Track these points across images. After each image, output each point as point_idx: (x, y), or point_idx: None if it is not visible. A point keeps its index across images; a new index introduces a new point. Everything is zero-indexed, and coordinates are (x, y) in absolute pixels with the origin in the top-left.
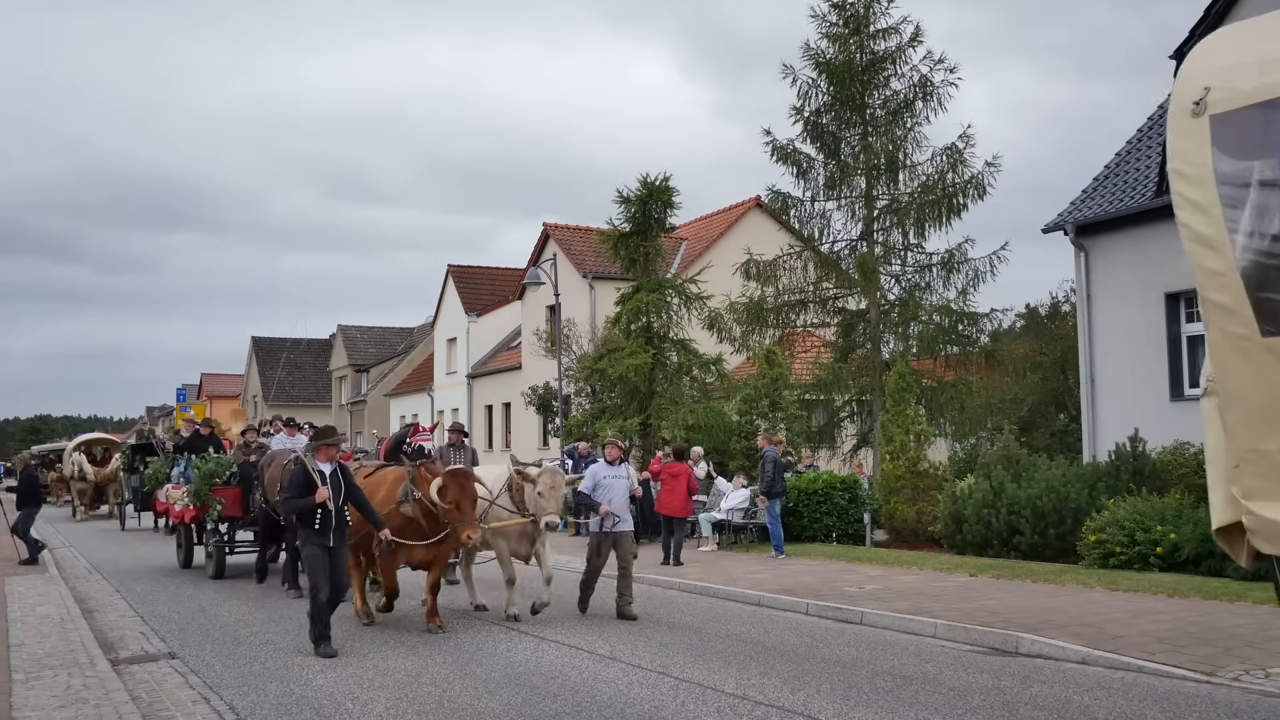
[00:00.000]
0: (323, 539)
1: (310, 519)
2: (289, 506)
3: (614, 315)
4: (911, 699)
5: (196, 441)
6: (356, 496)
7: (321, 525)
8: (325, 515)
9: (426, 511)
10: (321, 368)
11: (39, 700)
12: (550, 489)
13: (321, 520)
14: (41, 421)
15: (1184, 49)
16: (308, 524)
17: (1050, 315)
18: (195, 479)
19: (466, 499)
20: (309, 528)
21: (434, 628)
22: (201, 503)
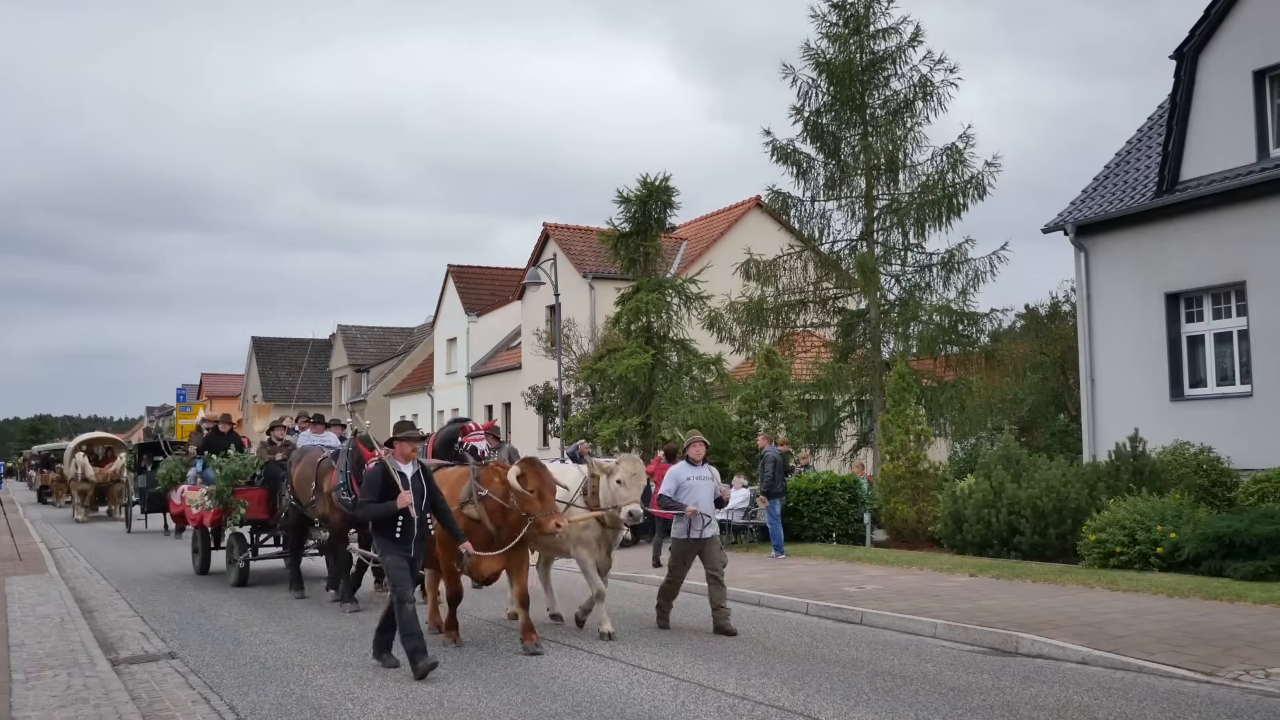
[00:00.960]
0: (403, 549)
1: (390, 527)
2: (367, 513)
3: (614, 315)
4: (911, 699)
5: (216, 439)
6: (439, 503)
7: (403, 534)
8: (407, 523)
9: (496, 512)
10: (322, 368)
11: (39, 700)
12: (632, 476)
13: (403, 529)
14: (41, 421)
15: (1184, 49)
16: (387, 533)
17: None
18: (217, 479)
19: (547, 487)
20: (388, 537)
21: (532, 645)
22: (224, 505)
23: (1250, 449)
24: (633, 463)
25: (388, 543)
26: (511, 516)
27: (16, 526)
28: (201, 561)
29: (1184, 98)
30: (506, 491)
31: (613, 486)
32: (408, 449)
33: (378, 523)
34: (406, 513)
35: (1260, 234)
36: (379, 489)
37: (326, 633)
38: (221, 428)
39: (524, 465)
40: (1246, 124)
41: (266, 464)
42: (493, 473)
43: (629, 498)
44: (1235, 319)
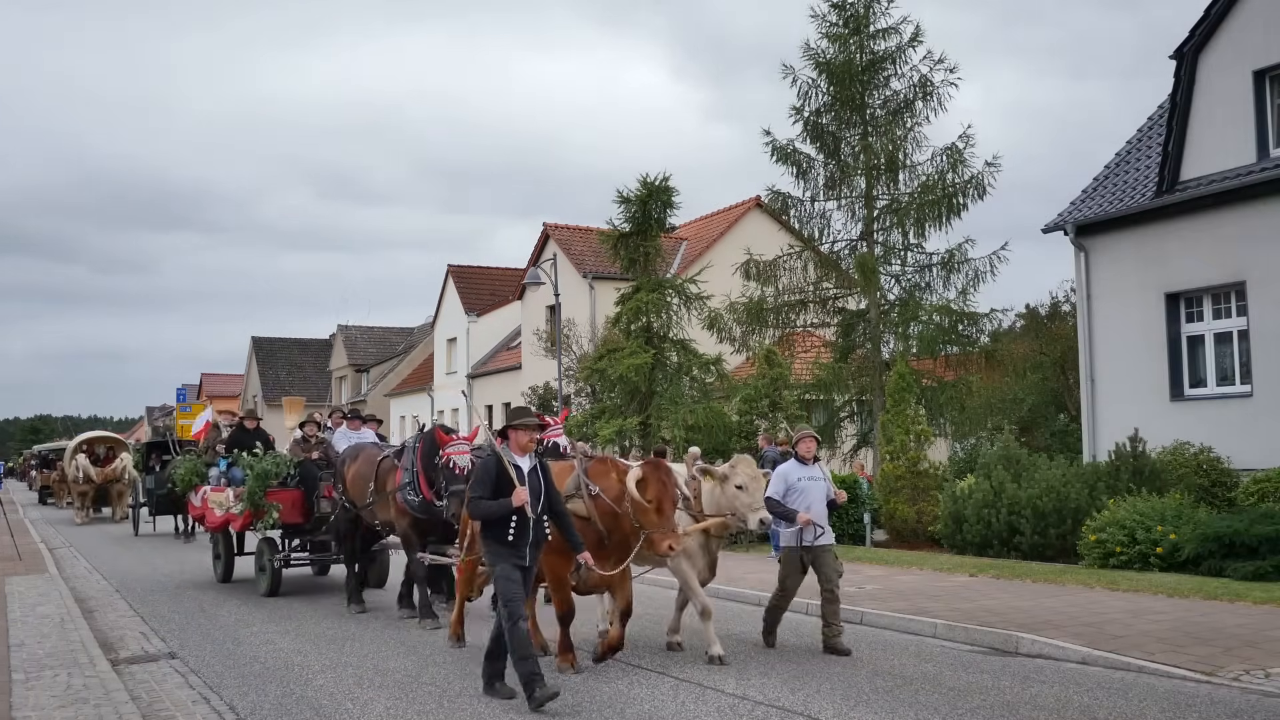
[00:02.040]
0: (516, 555)
1: (501, 529)
2: (479, 511)
3: (614, 315)
4: (911, 699)
5: (241, 436)
6: (556, 504)
7: (516, 537)
8: (521, 525)
9: (607, 514)
10: (321, 368)
11: (39, 700)
12: (753, 480)
13: (516, 531)
14: (42, 421)
15: (1184, 49)
16: (498, 536)
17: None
18: (249, 480)
19: (668, 499)
20: (500, 541)
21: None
22: (255, 508)
23: (1250, 449)
24: (749, 464)
25: (498, 547)
26: (624, 524)
27: (16, 527)
28: (224, 568)
29: (1184, 98)
30: (621, 494)
31: (730, 492)
32: (524, 439)
33: (487, 524)
34: (521, 513)
35: (1260, 234)
36: (492, 484)
37: (326, 633)
38: (247, 424)
39: (647, 470)
40: (1246, 124)
41: (301, 463)
42: (606, 469)
43: (753, 503)
44: (1235, 319)
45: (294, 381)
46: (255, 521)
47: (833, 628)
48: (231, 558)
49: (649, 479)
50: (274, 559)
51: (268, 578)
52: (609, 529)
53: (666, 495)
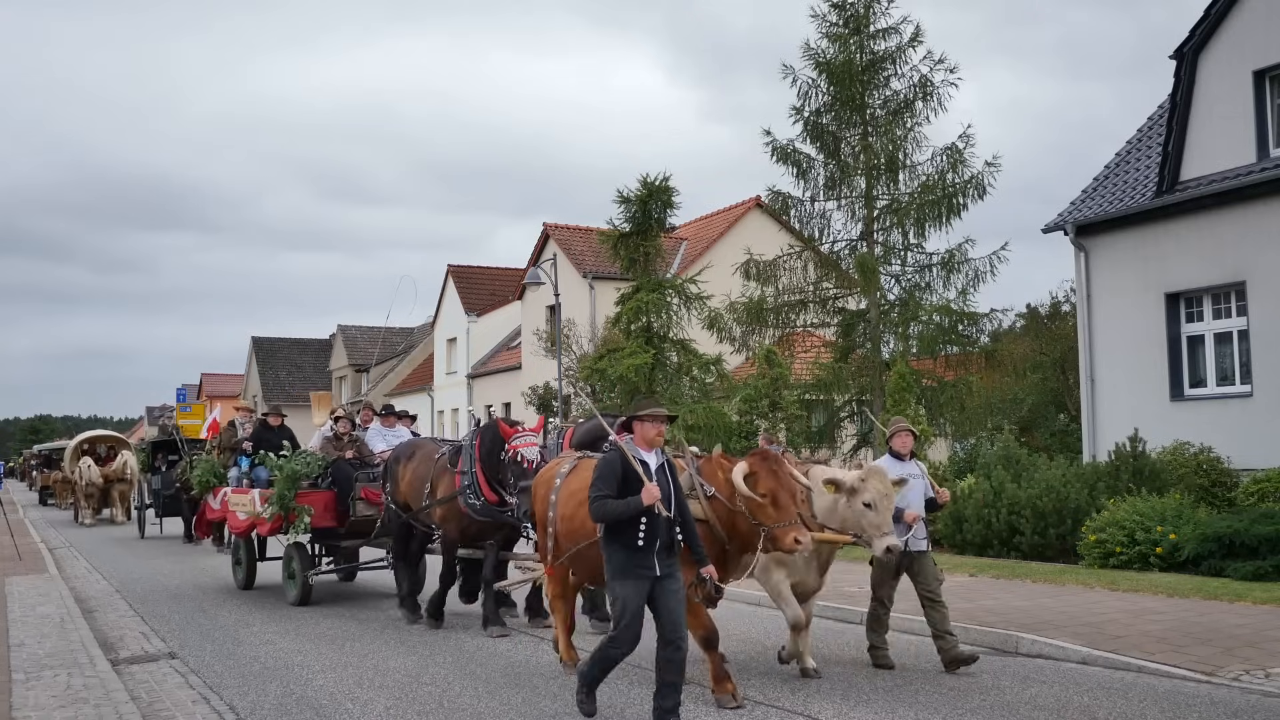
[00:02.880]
0: (644, 565)
1: (629, 534)
2: (606, 512)
3: (614, 315)
4: (911, 699)
5: (265, 434)
6: (684, 510)
7: (646, 542)
8: (653, 527)
9: (725, 517)
10: (321, 368)
11: (39, 700)
12: (883, 497)
13: (647, 534)
14: (41, 421)
15: (1184, 49)
16: (625, 541)
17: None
18: (278, 482)
19: (785, 490)
20: (627, 546)
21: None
22: (286, 510)
23: (1250, 449)
24: (881, 478)
25: (624, 555)
26: (742, 525)
27: (16, 527)
28: (246, 575)
29: (1184, 98)
30: (732, 493)
31: (857, 509)
32: (652, 431)
33: (611, 529)
34: (652, 514)
35: (1260, 234)
36: (617, 482)
37: (326, 633)
38: (271, 421)
39: (754, 462)
40: (1246, 124)
41: (334, 462)
42: (714, 467)
43: (881, 525)
44: (1235, 319)
45: (294, 381)
46: (285, 526)
47: (946, 639)
48: (254, 564)
49: (758, 471)
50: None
51: (297, 586)
52: (729, 533)
53: (781, 486)
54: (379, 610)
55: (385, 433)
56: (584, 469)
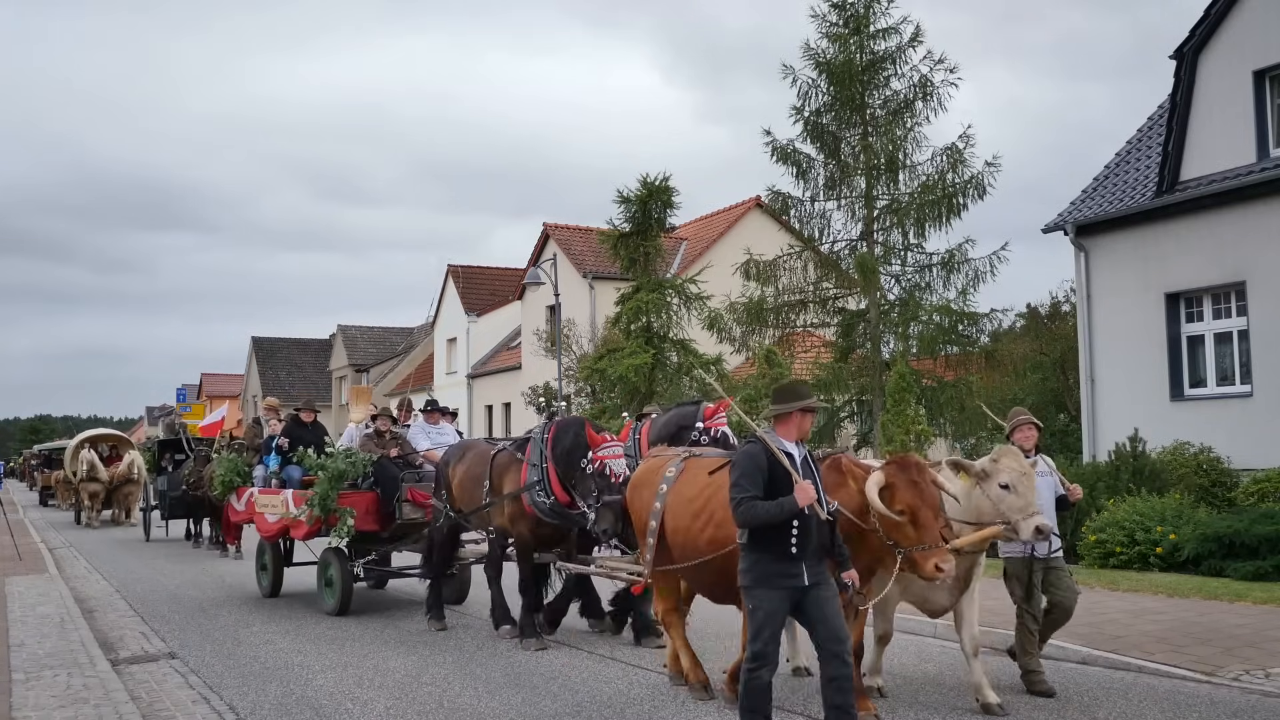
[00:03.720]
0: (791, 573)
1: (781, 539)
2: (755, 516)
3: (614, 315)
4: (911, 699)
5: (296, 431)
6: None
7: (799, 548)
8: (805, 531)
9: (851, 530)
10: (321, 368)
11: (39, 700)
12: (1021, 477)
13: (800, 539)
14: (41, 421)
15: (1184, 49)
16: (775, 548)
17: (1050, 315)
18: (321, 482)
19: (926, 505)
20: (777, 555)
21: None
22: (327, 512)
23: (1250, 449)
24: (1015, 457)
25: (771, 564)
26: (872, 543)
27: (16, 527)
28: (272, 582)
29: (1184, 98)
30: (863, 507)
31: (995, 494)
32: (806, 424)
33: (756, 535)
34: (804, 516)
35: (1260, 234)
36: (764, 479)
37: (326, 633)
38: (304, 416)
39: (892, 472)
40: (1246, 124)
41: (377, 462)
42: (842, 475)
43: (1025, 507)
44: (1235, 319)
45: (294, 381)
46: (326, 529)
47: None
48: (281, 569)
49: (896, 483)
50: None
51: (336, 594)
52: (855, 552)
53: (923, 501)
54: (379, 610)
55: (430, 430)
56: (694, 471)
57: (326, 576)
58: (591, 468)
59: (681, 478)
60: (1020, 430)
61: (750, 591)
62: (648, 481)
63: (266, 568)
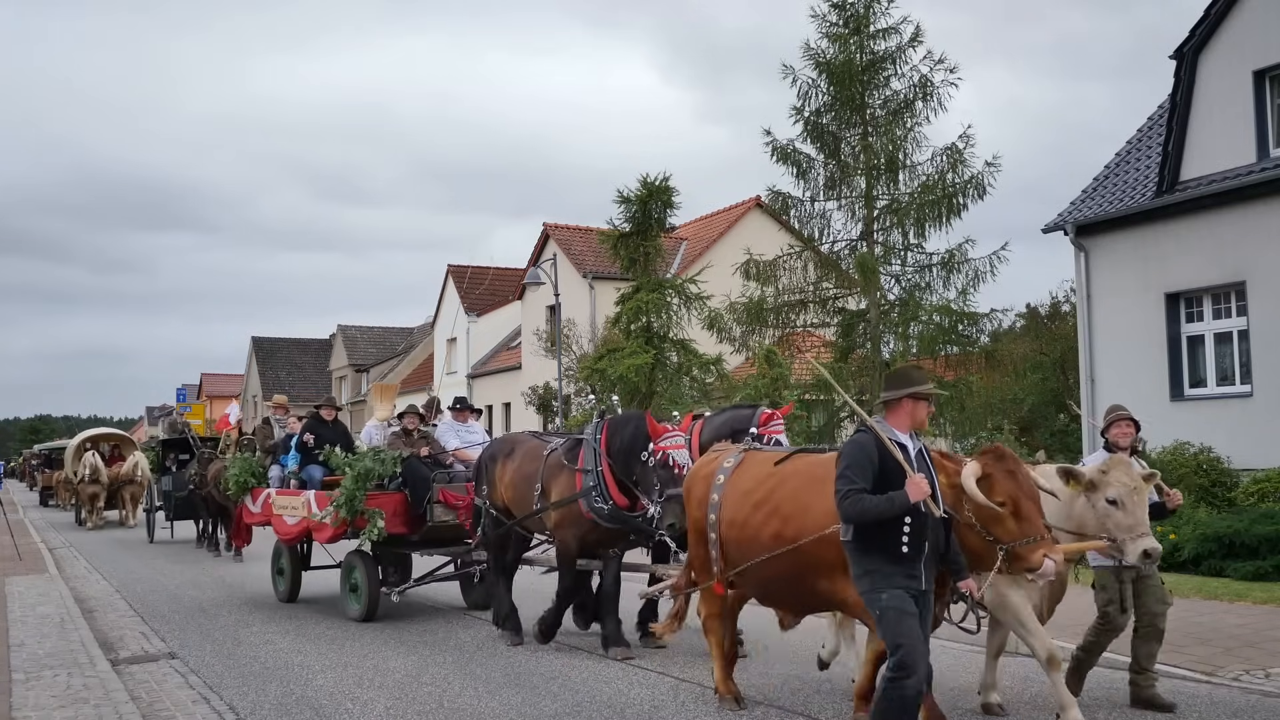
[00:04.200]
0: (909, 574)
1: (893, 538)
2: (864, 510)
3: (614, 315)
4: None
5: (318, 429)
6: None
7: (912, 547)
8: (919, 529)
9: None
10: (321, 368)
11: (39, 700)
12: (1131, 491)
13: (912, 538)
14: (41, 421)
15: (1184, 49)
16: (887, 547)
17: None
18: (347, 482)
19: (1026, 496)
20: (890, 555)
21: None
22: (354, 514)
23: (1250, 449)
24: (1127, 468)
25: (884, 565)
26: (973, 541)
27: (16, 527)
28: (289, 586)
29: (1184, 98)
30: (957, 498)
31: (1101, 508)
32: (920, 412)
33: (866, 533)
34: (918, 512)
35: (1260, 234)
36: (874, 472)
37: (326, 633)
38: (324, 414)
39: (988, 462)
40: (1246, 124)
41: (407, 461)
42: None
43: (1134, 527)
44: (1235, 319)
45: (294, 381)
46: (353, 532)
47: (1146, 674)
48: (299, 573)
49: (994, 474)
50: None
51: (361, 600)
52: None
53: (1023, 491)
54: (378, 611)
55: (459, 428)
56: (753, 465)
57: (351, 581)
58: (653, 460)
59: (740, 471)
60: (1117, 427)
61: (874, 596)
62: (702, 477)
63: (284, 571)
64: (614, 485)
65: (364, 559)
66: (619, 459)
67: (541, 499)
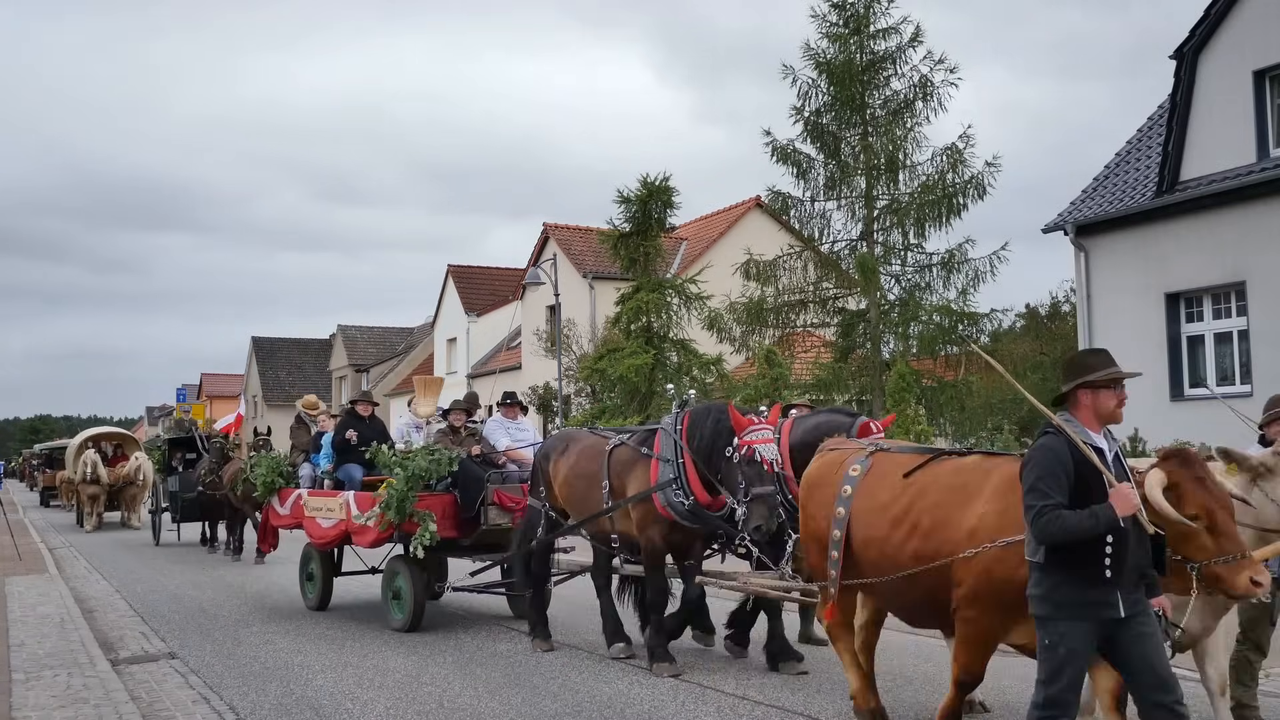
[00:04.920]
0: (1105, 601)
1: (1093, 559)
2: (1060, 527)
3: (614, 315)
4: (912, 699)
5: (357, 425)
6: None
7: (1115, 571)
8: (1121, 549)
9: None
10: (321, 368)
11: (39, 700)
12: None
13: (1115, 559)
14: (41, 421)
15: (1184, 49)
16: (1087, 570)
17: (1050, 315)
18: (399, 481)
19: (1221, 507)
20: (1090, 579)
21: None
22: (403, 518)
23: (1250, 449)
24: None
25: (1077, 590)
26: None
27: (16, 527)
28: (320, 593)
29: (1184, 98)
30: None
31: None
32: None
33: (1062, 551)
34: (1120, 529)
35: (1260, 234)
36: (1069, 481)
37: (326, 633)
38: (360, 410)
39: (1173, 468)
40: (1246, 124)
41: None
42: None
43: None
44: (1235, 319)
45: (294, 381)
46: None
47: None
48: (331, 579)
49: (1182, 483)
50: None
51: (406, 609)
52: None
53: (1218, 501)
54: (378, 611)
55: (509, 425)
56: (885, 469)
57: (394, 588)
58: (738, 456)
59: (870, 478)
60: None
61: (1047, 623)
62: (825, 480)
63: (314, 577)
64: (696, 479)
65: (409, 564)
66: (701, 453)
67: (612, 496)
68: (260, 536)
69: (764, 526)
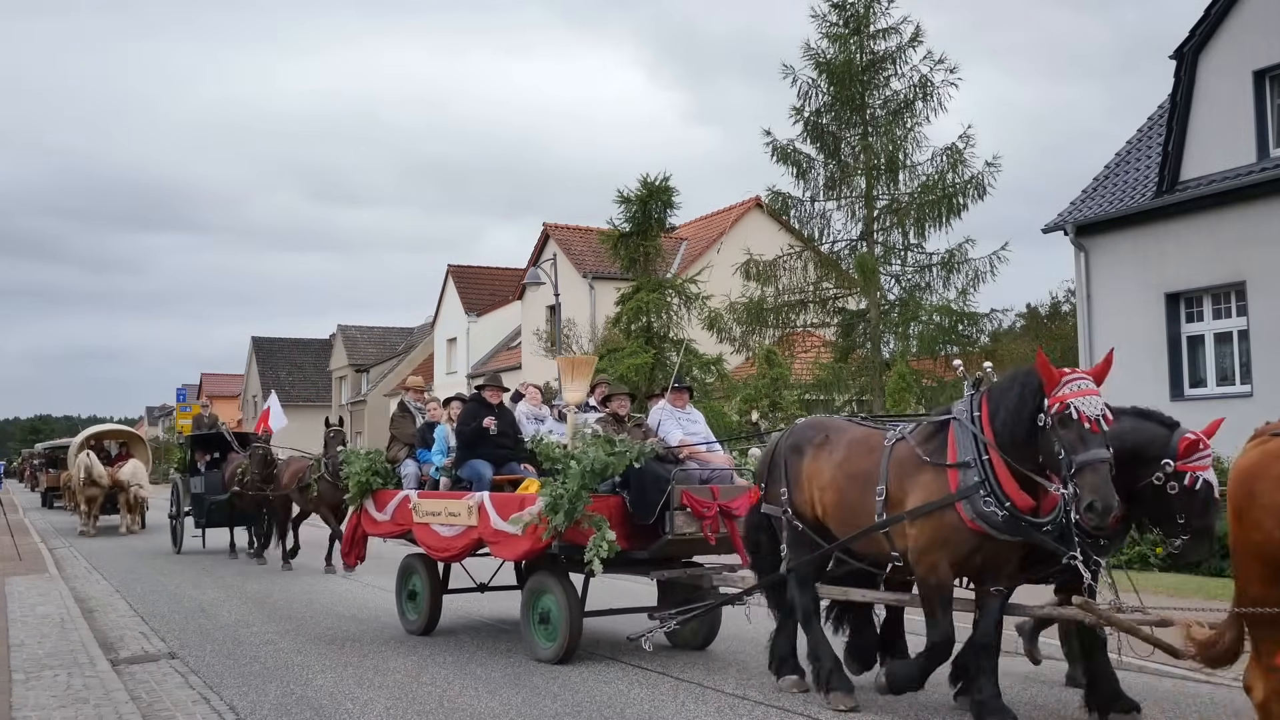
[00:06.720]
0: None
1: None
2: None
3: (614, 315)
4: (911, 699)
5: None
6: None
7: None
8: None
9: None
10: (321, 368)
11: (39, 700)
12: None
13: None
14: (41, 421)
15: (1184, 49)
16: None
17: (1050, 315)
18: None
19: None
20: None
21: None
22: (570, 523)
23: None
24: None
25: None
26: None
27: (16, 527)
28: (427, 615)
29: (1184, 98)
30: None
31: None
32: None
33: None
34: None
35: (1260, 234)
36: None
37: (326, 633)
38: (490, 397)
39: None
40: (1246, 124)
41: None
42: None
43: None
44: (1235, 319)
45: (294, 381)
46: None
47: None
48: (440, 597)
49: None
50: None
51: (556, 635)
52: None
53: None
54: (381, 611)
55: (680, 415)
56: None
57: (538, 610)
58: (1050, 420)
59: None
60: None
61: None
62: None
63: (416, 596)
64: (1010, 480)
65: (561, 581)
66: (1009, 440)
67: (888, 508)
68: (345, 548)
69: (1098, 503)
